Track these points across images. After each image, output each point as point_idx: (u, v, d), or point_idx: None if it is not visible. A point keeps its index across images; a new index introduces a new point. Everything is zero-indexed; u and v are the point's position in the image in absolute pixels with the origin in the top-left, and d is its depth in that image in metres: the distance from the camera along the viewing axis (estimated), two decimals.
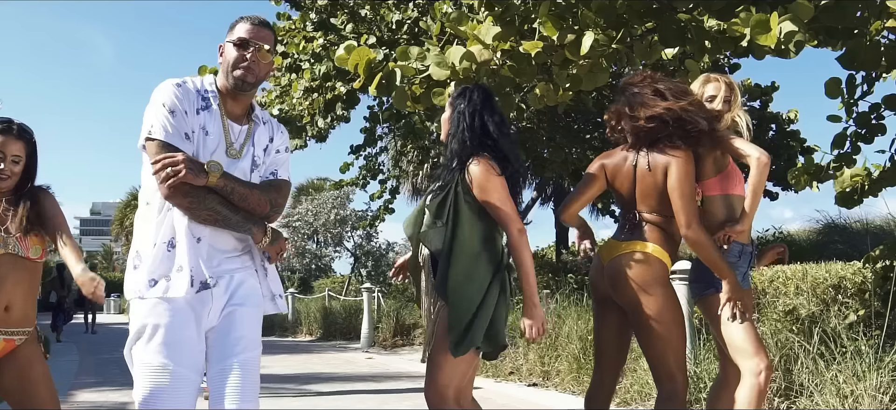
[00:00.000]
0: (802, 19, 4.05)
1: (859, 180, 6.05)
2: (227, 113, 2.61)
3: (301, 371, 9.74)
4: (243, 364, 2.47)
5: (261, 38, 2.59)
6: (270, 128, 2.76)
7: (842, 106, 5.73)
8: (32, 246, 2.96)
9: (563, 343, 7.35)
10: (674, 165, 3.24)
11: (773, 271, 6.63)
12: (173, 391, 2.37)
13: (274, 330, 20.15)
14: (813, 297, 6.03)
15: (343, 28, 9.73)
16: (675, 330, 3.25)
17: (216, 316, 2.51)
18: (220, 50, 2.64)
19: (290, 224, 28.01)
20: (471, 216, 3.10)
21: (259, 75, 2.61)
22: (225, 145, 2.56)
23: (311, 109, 10.50)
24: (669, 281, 3.30)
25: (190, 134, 2.49)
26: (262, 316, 2.64)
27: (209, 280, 2.45)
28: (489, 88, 3.54)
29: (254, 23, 2.61)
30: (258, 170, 2.66)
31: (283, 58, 9.88)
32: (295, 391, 7.72)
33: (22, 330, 2.93)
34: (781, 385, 4.74)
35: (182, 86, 2.54)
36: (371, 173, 14.49)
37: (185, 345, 2.42)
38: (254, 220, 2.54)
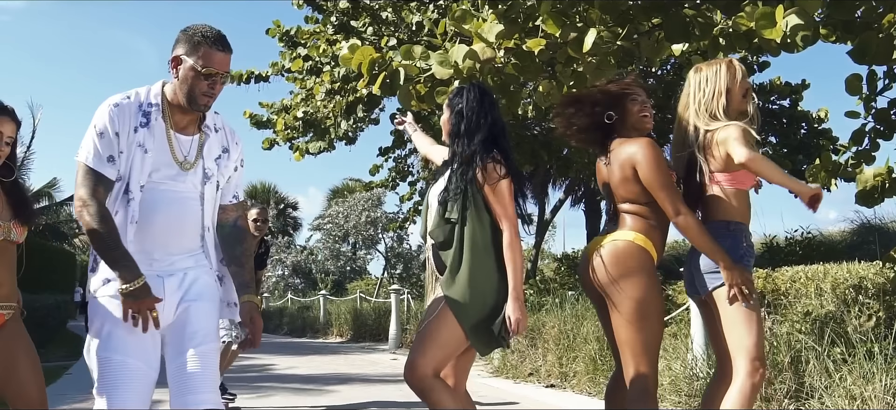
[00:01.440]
0: (810, 13, 3.96)
1: (882, 178, 5.90)
2: (174, 125, 2.59)
3: (323, 372, 9.79)
4: (200, 356, 2.48)
5: (227, 66, 2.58)
6: (224, 138, 2.73)
7: (860, 102, 5.59)
8: (23, 231, 3.06)
9: (580, 345, 7.28)
10: (638, 158, 3.19)
11: (794, 271, 6.50)
12: (128, 384, 2.40)
13: (305, 332, 20.31)
14: (834, 298, 5.89)
15: (364, 31, 9.77)
16: (652, 321, 3.18)
17: (171, 313, 2.53)
18: (174, 62, 2.56)
19: (321, 226, 28.19)
20: (481, 213, 3.15)
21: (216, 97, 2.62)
22: (171, 158, 2.55)
23: (334, 112, 10.58)
24: (652, 271, 3.22)
25: (115, 156, 2.49)
26: (217, 307, 2.65)
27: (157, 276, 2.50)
28: (485, 87, 3.54)
29: (220, 49, 2.55)
30: (211, 183, 2.64)
31: (305, 61, 9.95)
32: (311, 390, 7.77)
33: (9, 305, 3.02)
34: (792, 387, 4.65)
35: (120, 105, 2.52)
36: (400, 175, 14.55)
37: (142, 340, 2.44)
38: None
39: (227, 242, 2.82)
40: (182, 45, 2.55)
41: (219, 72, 2.54)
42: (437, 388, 3.10)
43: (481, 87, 3.45)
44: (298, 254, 30.89)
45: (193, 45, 2.52)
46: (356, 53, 4.79)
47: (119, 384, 2.40)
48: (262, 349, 12.33)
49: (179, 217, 2.56)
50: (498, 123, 3.32)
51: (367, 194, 23.92)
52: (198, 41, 2.52)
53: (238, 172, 2.81)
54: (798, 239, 12.14)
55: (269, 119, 12.26)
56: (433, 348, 3.11)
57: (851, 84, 5.49)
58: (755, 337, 3.10)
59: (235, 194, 2.83)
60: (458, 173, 3.21)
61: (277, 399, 7.24)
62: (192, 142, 2.62)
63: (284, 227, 34.18)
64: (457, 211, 3.14)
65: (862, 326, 5.11)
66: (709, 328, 3.38)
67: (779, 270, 6.67)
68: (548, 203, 15.43)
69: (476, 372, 9.18)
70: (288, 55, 10.87)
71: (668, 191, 3.13)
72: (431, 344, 3.12)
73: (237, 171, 2.80)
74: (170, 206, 2.54)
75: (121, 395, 2.39)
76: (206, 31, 2.55)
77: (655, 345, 3.23)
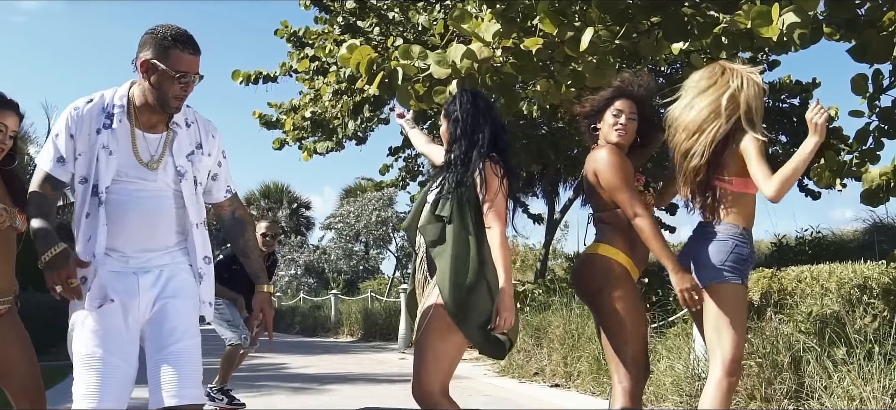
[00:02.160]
0: (808, 11, 3.93)
1: (887, 177, 5.86)
2: (141, 125, 2.61)
3: (328, 371, 9.82)
4: (177, 353, 2.50)
5: (198, 67, 2.59)
6: (197, 132, 2.73)
7: (863, 101, 5.55)
8: (25, 219, 3.08)
9: (585, 345, 7.27)
10: (598, 164, 3.31)
11: (799, 271, 6.47)
12: (105, 378, 2.43)
13: (316, 331, 20.37)
14: (838, 298, 5.85)
15: (371, 31, 9.77)
16: (628, 328, 3.24)
17: (147, 309, 2.55)
18: (143, 66, 2.56)
19: (332, 225, 28.24)
20: (474, 214, 3.13)
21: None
22: (134, 159, 2.57)
23: (342, 112, 10.59)
24: (620, 279, 3.26)
25: (65, 157, 2.55)
26: (196, 304, 2.67)
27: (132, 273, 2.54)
28: (477, 90, 3.58)
29: (191, 52, 2.57)
30: (186, 180, 2.64)
31: (312, 61, 9.97)
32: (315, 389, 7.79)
33: (7, 300, 3.07)
34: (792, 387, 4.62)
35: (79, 108, 2.57)
36: (410, 174, 14.55)
37: (113, 334, 2.47)
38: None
39: (230, 236, 2.90)
40: (150, 48, 2.55)
41: (191, 74, 2.56)
42: (445, 406, 3.10)
43: (473, 91, 3.50)
44: (311, 254, 30.96)
45: (163, 48, 2.53)
46: (354, 53, 4.81)
47: (96, 380, 2.42)
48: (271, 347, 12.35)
49: (151, 215, 2.58)
50: (495, 123, 3.33)
51: (378, 194, 23.95)
52: (168, 45, 2.53)
53: (222, 166, 2.81)
54: (808, 238, 12.04)
55: (278, 119, 12.30)
56: (434, 362, 3.09)
57: (857, 83, 5.45)
58: (734, 340, 3.10)
59: (228, 188, 2.85)
60: (456, 174, 3.21)
61: (281, 398, 7.27)
62: (159, 141, 2.62)
63: (297, 227, 34.25)
64: (448, 209, 3.14)
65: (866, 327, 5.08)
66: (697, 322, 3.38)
67: (784, 270, 6.63)
68: (558, 202, 15.36)
69: (482, 372, 9.18)
70: (296, 55, 10.89)
71: (625, 192, 3.20)
72: (432, 359, 3.09)
73: (221, 165, 2.80)
74: (140, 205, 2.56)
75: (98, 392, 2.41)
76: (174, 33, 2.56)
77: (635, 350, 3.25)
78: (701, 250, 3.20)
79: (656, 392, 5.81)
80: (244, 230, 2.88)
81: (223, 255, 6.37)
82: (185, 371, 2.49)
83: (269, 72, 11.46)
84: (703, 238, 3.22)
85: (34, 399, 3.05)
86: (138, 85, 2.62)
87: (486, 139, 3.23)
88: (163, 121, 2.65)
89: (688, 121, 3.23)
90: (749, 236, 3.24)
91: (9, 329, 3.05)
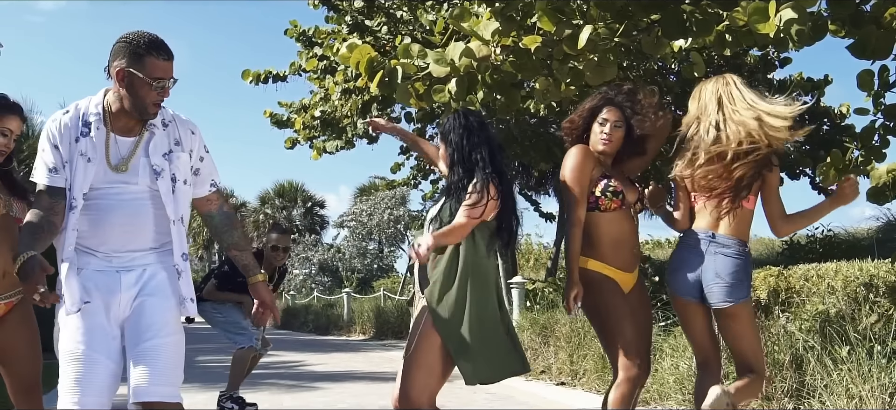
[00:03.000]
0: (806, 7, 3.91)
1: (894, 174, 5.81)
2: (118, 129, 2.66)
3: (337, 370, 9.86)
4: (151, 350, 2.53)
5: (172, 72, 2.65)
6: (175, 130, 2.77)
7: (868, 98, 5.50)
8: (25, 207, 3.14)
9: (591, 343, 7.25)
10: (564, 166, 3.49)
11: (806, 269, 6.43)
12: (88, 374, 2.47)
13: (329, 330, 20.44)
14: (844, 296, 5.82)
15: (379, 30, 9.80)
16: (614, 326, 3.34)
17: (127, 307, 2.60)
18: (119, 74, 2.60)
19: (345, 224, 28.35)
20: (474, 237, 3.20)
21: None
22: (107, 163, 2.62)
23: (351, 110, 10.63)
24: (597, 286, 3.36)
25: (58, 167, 2.60)
26: (177, 307, 2.69)
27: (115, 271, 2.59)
28: (471, 111, 3.62)
29: (165, 58, 2.62)
30: (163, 178, 2.67)
31: (320, 60, 10.02)
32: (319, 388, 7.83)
33: (17, 291, 3.12)
34: (792, 386, 4.60)
35: (57, 119, 2.65)
36: (422, 173, 14.56)
37: (97, 331, 2.53)
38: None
39: (218, 232, 2.93)
40: (124, 57, 2.59)
41: (167, 79, 2.61)
42: None
43: (465, 112, 3.56)
44: (325, 252, 31.08)
45: (138, 56, 2.58)
46: (354, 52, 4.81)
47: (82, 378, 2.47)
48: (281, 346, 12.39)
49: (132, 217, 2.63)
50: (491, 141, 3.36)
51: (390, 192, 24.01)
52: (142, 52, 2.58)
53: (204, 161, 2.84)
54: (819, 237, 11.96)
55: (288, 118, 12.36)
56: (422, 375, 3.12)
57: (862, 79, 5.40)
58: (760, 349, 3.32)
59: (213, 182, 2.89)
60: (454, 197, 3.25)
61: (288, 397, 7.31)
62: (133, 144, 2.66)
63: (311, 225, 34.38)
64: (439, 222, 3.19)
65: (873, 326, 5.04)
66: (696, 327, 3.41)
67: (791, 268, 6.60)
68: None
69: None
70: (305, 55, 10.94)
71: (572, 193, 3.30)
72: (419, 372, 3.12)
73: (203, 161, 2.84)
74: (122, 208, 2.62)
75: (81, 388, 2.46)
76: (148, 40, 2.60)
77: (632, 342, 3.29)
78: (725, 267, 3.26)
79: (660, 391, 5.80)
80: (234, 223, 2.93)
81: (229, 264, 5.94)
82: (158, 367, 2.52)
83: (279, 72, 11.53)
84: (719, 253, 3.25)
85: (30, 391, 3.11)
86: (113, 92, 2.66)
87: (486, 159, 3.27)
88: (138, 125, 2.70)
89: (755, 126, 3.23)
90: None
91: (18, 321, 3.11)
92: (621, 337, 3.33)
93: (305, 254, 30.36)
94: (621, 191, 3.38)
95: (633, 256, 3.40)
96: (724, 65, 11.52)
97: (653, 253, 18.39)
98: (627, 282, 3.41)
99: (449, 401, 6.90)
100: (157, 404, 2.49)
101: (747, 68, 11.28)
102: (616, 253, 3.36)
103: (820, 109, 11.58)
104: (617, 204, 3.36)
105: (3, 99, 3.15)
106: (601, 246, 3.37)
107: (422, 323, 3.18)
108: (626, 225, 3.39)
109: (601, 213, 3.38)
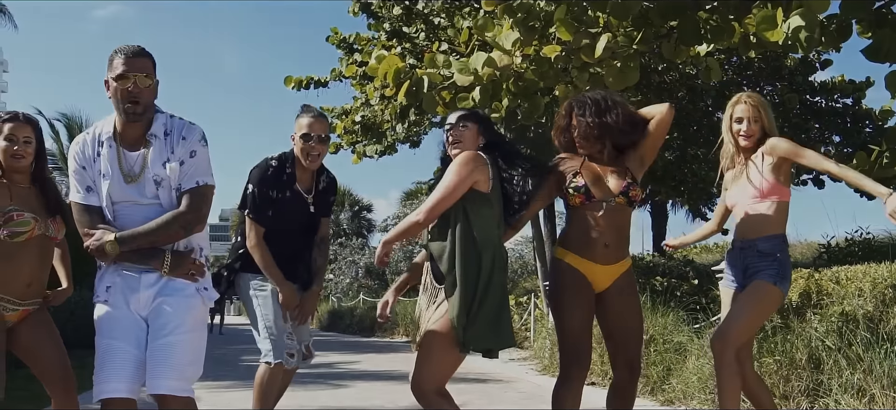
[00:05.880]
0: (816, 13, 4.00)
1: None
2: (126, 144, 2.84)
3: (374, 370, 10.09)
4: (164, 346, 2.73)
5: (137, 68, 2.75)
6: (171, 141, 2.85)
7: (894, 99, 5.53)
8: (60, 228, 3.39)
9: None
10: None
11: (835, 271, 6.46)
12: (111, 365, 2.74)
13: (374, 331, 20.74)
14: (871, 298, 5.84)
15: (416, 36, 10.03)
16: (555, 317, 3.52)
17: (147, 305, 2.80)
18: (106, 86, 2.78)
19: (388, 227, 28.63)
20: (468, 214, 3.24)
21: (146, 102, 2.79)
22: (121, 176, 2.82)
23: (391, 114, 10.88)
24: (559, 270, 3.49)
25: (91, 185, 2.84)
26: (195, 304, 2.85)
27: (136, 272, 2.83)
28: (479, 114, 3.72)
29: (128, 55, 2.75)
30: (163, 187, 2.82)
31: (359, 67, 10.27)
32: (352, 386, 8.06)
33: (36, 301, 3.35)
34: (809, 385, 4.67)
35: (78, 142, 2.89)
36: None
37: (120, 322, 2.78)
38: (153, 255, 2.79)
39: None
40: (106, 70, 2.80)
41: (129, 74, 2.73)
42: (440, 403, 3.25)
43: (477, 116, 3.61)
44: (372, 256, 31.44)
45: (109, 62, 2.78)
46: (382, 63, 5.05)
47: (104, 365, 2.74)
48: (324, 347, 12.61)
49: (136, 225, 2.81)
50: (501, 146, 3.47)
51: None
52: (111, 58, 2.78)
53: (185, 165, 2.84)
54: (857, 240, 11.83)
55: (330, 123, 12.67)
56: (429, 365, 3.24)
57: (891, 81, 5.43)
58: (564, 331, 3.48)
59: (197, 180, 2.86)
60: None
61: (324, 394, 7.55)
62: (137, 157, 2.83)
63: (359, 229, 34.81)
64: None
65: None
66: None
67: (821, 271, 6.63)
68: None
69: (524, 371, 9.34)
70: (345, 61, 11.24)
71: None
72: (427, 362, 3.24)
73: (183, 164, 2.84)
74: (135, 217, 2.82)
75: (104, 375, 2.73)
76: (118, 46, 2.79)
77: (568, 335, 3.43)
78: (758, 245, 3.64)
79: (684, 391, 5.89)
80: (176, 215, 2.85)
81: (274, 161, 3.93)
82: (170, 362, 2.72)
83: (320, 78, 11.85)
84: None
85: (65, 381, 3.36)
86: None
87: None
88: (141, 137, 2.86)
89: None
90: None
91: (39, 324, 3.36)
92: (559, 330, 3.47)
93: (352, 258, 30.74)
94: (584, 185, 3.45)
95: (605, 249, 3.43)
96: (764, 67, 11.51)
97: (698, 256, 18.23)
98: (599, 276, 3.45)
99: (480, 400, 7.08)
100: (168, 397, 2.71)
101: (787, 71, 11.25)
102: (584, 245, 3.44)
103: (862, 111, 11.47)
104: (580, 198, 3.44)
105: (11, 112, 3.42)
106: (571, 238, 3.48)
107: (440, 323, 3.27)
108: (600, 219, 3.43)
109: (572, 208, 3.50)
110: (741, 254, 3.65)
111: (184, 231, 2.80)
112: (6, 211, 3.19)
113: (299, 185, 3.89)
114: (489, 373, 9.06)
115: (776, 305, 3.80)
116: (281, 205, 3.85)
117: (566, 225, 3.57)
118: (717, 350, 3.52)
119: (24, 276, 3.23)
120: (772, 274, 3.51)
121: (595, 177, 3.47)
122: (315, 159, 3.84)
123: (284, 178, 3.84)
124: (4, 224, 3.17)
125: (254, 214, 3.80)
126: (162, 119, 2.87)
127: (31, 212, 3.25)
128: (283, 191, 3.84)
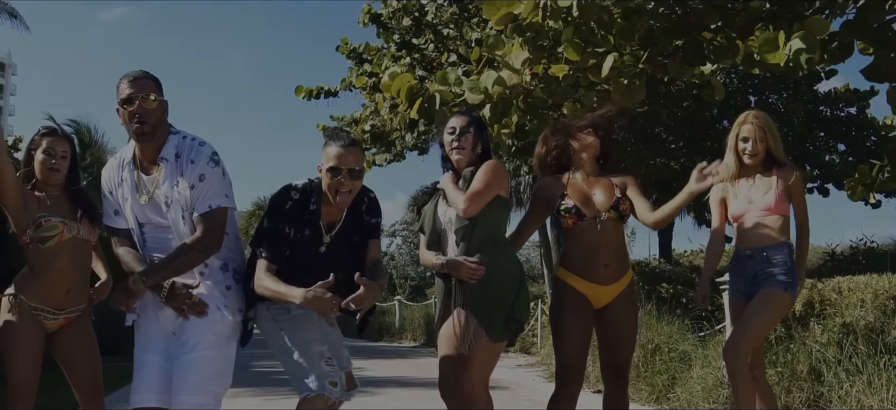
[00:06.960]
0: (816, 35, 4.11)
1: None
2: (144, 168, 2.98)
3: (382, 375, 10.21)
4: (184, 364, 2.88)
5: (141, 89, 2.87)
6: (181, 164, 2.92)
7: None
8: (92, 230, 3.49)
9: None
10: None
11: (837, 281, 6.56)
12: (140, 376, 2.96)
13: (382, 336, 20.83)
14: (873, 308, 5.95)
15: (426, 47, 10.18)
16: (554, 336, 3.68)
17: (172, 321, 2.95)
18: (118, 113, 2.92)
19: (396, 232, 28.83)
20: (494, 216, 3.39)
21: (153, 121, 2.89)
22: (138, 199, 2.97)
23: (400, 123, 11.03)
24: (560, 290, 3.63)
25: (119, 209, 3.04)
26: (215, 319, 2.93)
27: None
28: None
29: (130, 79, 2.89)
30: (172, 209, 2.92)
31: (369, 77, 10.43)
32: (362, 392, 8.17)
33: (78, 308, 3.48)
34: (809, 397, 4.78)
35: (106, 168, 3.08)
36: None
37: (152, 336, 2.99)
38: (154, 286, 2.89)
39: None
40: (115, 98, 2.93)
41: (134, 96, 2.86)
42: (486, 401, 3.39)
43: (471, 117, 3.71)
44: None
45: (116, 89, 2.92)
46: (395, 80, 5.18)
47: (136, 376, 2.96)
48: None
49: (165, 246, 2.97)
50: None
51: None
52: (118, 84, 2.92)
53: (195, 189, 2.90)
54: (861, 248, 11.91)
55: None
56: (479, 364, 3.32)
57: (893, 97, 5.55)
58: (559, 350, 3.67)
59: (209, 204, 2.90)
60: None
61: None
62: (152, 181, 2.97)
63: None
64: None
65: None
66: None
67: (824, 281, 6.73)
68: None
69: (531, 378, 9.45)
70: (355, 71, 11.41)
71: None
72: (475, 362, 3.30)
73: (193, 189, 2.90)
74: (156, 238, 3.00)
75: (136, 385, 2.94)
76: (124, 74, 2.94)
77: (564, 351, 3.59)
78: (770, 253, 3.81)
79: (689, 400, 6.01)
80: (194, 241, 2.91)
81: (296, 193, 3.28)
82: (191, 379, 2.86)
83: (330, 88, 12.02)
84: None
85: (93, 392, 3.51)
86: None
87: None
88: (154, 162, 2.96)
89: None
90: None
91: (78, 332, 3.49)
92: (556, 347, 3.63)
93: None
94: (574, 205, 3.55)
95: (605, 269, 3.52)
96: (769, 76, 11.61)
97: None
98: (601, 295, 3.54)
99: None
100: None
101: (792, 80, 11.35)
102: (584, 266, 3.54)
103: (866, 121, 11.57)
104: (573, 219, 3.54)
105: (50, 126, 3.57)
106: (571, 259, 3.60)
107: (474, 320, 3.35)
108: (595, 239, 3.52)
109: (566, 230, 3.61)
110: (749, 262, 3.77)
111: (203, 255, 2.91)
112: (35, 218, 3.32)
113: (323, 222, 3.17)
114: (496, 379, 9.09)
115: (787, 310, 3.99)
116: (298, 244, 3.13)
117: (564, 246, 3.69)
118: (729, 360, 3.67)
119: (61, 285, 3.37)
120: (782, 280, 3.66)
121: (583, 196, 3.59)
122: (345, 197, 3.07)
123: (306, 216, 3.12)
124: (34, 231, 3.30)
125: (268, 254, 3.04)
126: (174, 141, 2.96)
127: (60, 217, 3.37)
128: (302, 230, 3.12)
